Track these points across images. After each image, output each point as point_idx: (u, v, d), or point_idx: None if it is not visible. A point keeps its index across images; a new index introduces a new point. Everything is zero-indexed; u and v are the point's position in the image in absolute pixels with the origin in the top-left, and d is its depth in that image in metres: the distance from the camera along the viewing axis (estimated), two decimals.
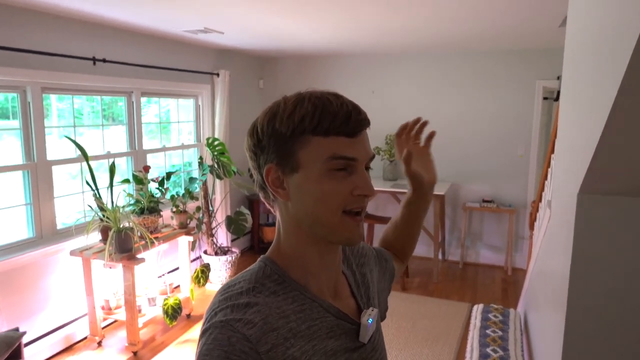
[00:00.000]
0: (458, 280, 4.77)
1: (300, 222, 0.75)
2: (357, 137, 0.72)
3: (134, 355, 3.30)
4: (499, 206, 4.89)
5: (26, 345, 3.07)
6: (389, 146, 5.15)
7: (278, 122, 0.71)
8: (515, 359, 2.25)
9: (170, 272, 4.31)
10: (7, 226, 3.10)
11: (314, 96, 0.72)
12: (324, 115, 0.70)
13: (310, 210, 0.72)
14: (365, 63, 5.38)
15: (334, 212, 0.72)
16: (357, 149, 0.72)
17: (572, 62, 1.69)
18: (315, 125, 0.70)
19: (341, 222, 0.72)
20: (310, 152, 0.71)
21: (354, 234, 0.73)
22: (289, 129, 0.71)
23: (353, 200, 0.72)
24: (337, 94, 0.73)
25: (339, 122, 0.70)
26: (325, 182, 0.71)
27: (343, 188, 0.71)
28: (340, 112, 0.70)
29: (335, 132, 0.70)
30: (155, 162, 4.32)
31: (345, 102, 0.72)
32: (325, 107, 0.70)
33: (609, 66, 0.94)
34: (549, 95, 4.94)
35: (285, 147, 0.71)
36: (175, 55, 4.34)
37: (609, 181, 1.18)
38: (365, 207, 0.75)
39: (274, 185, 0.74)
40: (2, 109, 3.11)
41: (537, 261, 2.55)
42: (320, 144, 0.70)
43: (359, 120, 0.72)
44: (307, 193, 0.72)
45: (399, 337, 3.55)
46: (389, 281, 1.04)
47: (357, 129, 0.72)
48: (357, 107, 0.73)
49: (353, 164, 0.72)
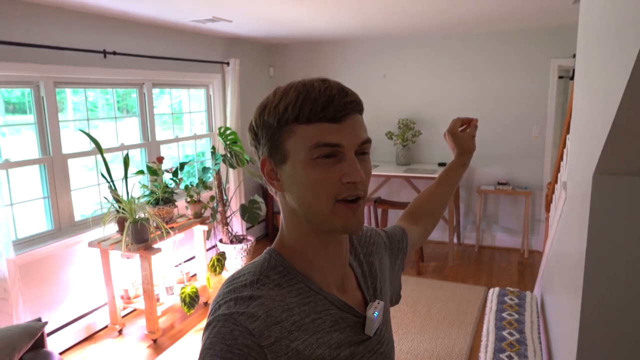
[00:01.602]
0: (474, 263, 4.75)
1: (297, 213, 0.74)
2: (344, 122, 0.69)
3: (153, 343, 3.37)
4: (515, 188, 4.84)
5: (49, 335, 3.15)
6: (401, 130, 5.11)
7: (266, 114, 0.71)
8: (532, 341, 2.24)
9: (186, 261, 4.37)
10: (27, 219, 3.16)
11: (300, 84, 0.70)
12: (305, 102, 0.68)
13: (302, 200, 0.71)
14: (375, 47, 5.32)
15: (324, 201, 0.69)
16: (343, 135, 0.68)
17: (586, 39, 1.64)
18: (298, 113, 0.68)
19: (333, 210, 0.70)
20: (296, 141, 0.69)
21: (349, 221, 0.71)
22: (275, 120, 0.70)
23: (343, 188, 0.69)
24: (325, 79, 0.71)
25: (320, 108, 0.67)
26: (312, 171, 0.69)
27: (331, 176, 0.69)
28: (321, 97, 0.68)
29: (317, 118, 0.68)
30: (169, 152, 4.36)
31: (330, 87, 0.69)
32: (308, 93, 0.68)
33: (624, 43, 0.91)
34: (564, 74, 4.84)
35: (274, 139, 0.71)
36: (185, 46, 4.35)
37: (625, 161, 1.15)
38: (364, 194, 0.71)
39: (269, 177, 0.75)
40: (18, 104, 3.16)
41: (553, 243, 2.52)
42: (305, 132, 0.68)
43: (342, 104, 0.68)
44: (297, 183, 0.71)
45: (415, 322, 3.56)
46: (402, 260, 1.03)
47: (341, 112, 0.68)
48: (344, 90, 0.70)
49: (340, 150, 0.69)
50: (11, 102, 3.11)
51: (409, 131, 5.09)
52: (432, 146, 5.24)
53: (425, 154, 5.29)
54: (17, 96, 3.13)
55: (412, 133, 5.09)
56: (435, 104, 5.16)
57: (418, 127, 5.18)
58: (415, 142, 5.22)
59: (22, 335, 2.24)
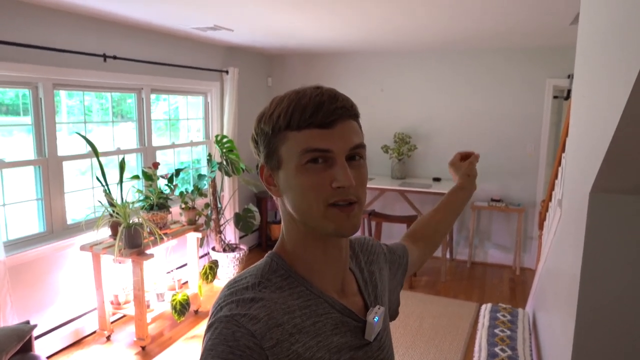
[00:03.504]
0: (466, 279, 4.76)
1: (295, 217, 0.75)
2: (333, 127, 0.70)
3: (142, 350, 3.33)
4: (508, 205, 4.86)
5: (37, 338, 3.10)
6: (397, 144, 5.13)
7: (263, 123, 0.74)
8: (524, 358, 2.24)
9: (178, 268, 4.34)
10: (19, 221, 3.13)
11: (294, 92, 0.72)
12: (295, 109, 0.70)
13: (295, 204, 0.73)
14: (374, 61, 5.37)
15: (315, 205, 0.70)
16: (332, 140, 0.69)
17: (584, 60, 1.67)
18: (289, 120, 0.70)
19: (325, 215, 0.70)
20: (288, 147, 0.71)
21: (342, 225, 0.71)
22: (270, 128, 0.72)
23: (334, 192, 0.69)
24: (319, 87, 0.72)
25: (309, 114, 0.69)
26: (302, 176, 0.70)
27: (321, 181, 0.69)
28: (310, 104, 0.69)
29: (306, 124, 0.69)
30: (165, 159, 4.35)
31: (321, 93, 0.71)
32: (299, 101, 0.70)
33: (622, 64, 0.93)
34: (559, 94, 4.90)
35: (270, 146, 0.73)
36: (185, 53, 4.36)
37: (621, 180, 1.17)
38: (357, 200, 0.71)
39: (267, 183, 0.77)
40: (13, 106, 3.15)
41: (547, 261, 2.54)
42: (295, 138, 0.70)
43: (332, 109, 0.70)
44: (291, 188, 0.72)
45: (406, 336, 3.54)
46: (401, 276, 1.03)
47: (330, 118, 0.69)
48: (335, 96, 0.71)
49: (330, 156, 0.69)
50: (4, 103, 3.10)
51: (404, 145, 5.12)
52: (428, 161, 5.27)
53: (421, 169, 5.32)
54: (11, 97, 3.12)
55: (407, 147, 5.12)
56: (431, 119, 5.20)
57: (414, 142, 5.21)
58: (411, 156, 5.25)
59: (10, 338, 2.20)
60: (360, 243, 0.95)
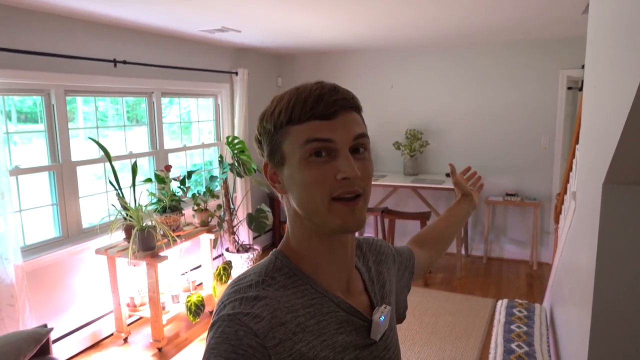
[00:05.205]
0: (482, 275, 4.70)
1: (300, 214, 0.74)
2: (335, 118, 0.70)
3: (158, 351, 3.36)
4: (523, 200, 4.80)
5: (54, 342, 3.15)
6: (409, 141, 5.10)
7: (265, 121, 0.74)
8: (541, 354, 2.21)
9: (192, 269, 4.37)
10: (35, 226, 3.18)
11: (294, 88, 0.73)
12: (296, 103, 0.70)
13: (300, 200, 0.72)
14: (383, 57, 5.34)
15: (320, 199, 0.69)
16: (334, 130, 0.69)
17: (594, 49, 1.64)
18: (290, 114, 0.70)
19: (330, 209, 0.69)
20: (290, 142, 0.71)
21: (347, 220, 0.70)
22: (272, 125, 0.72)
23: (338, 185, 0.69)
24: (320, 81, 0.73)
25: (310, 106, 0.69)
26: (306, 170, 0.69)
27: (325, 173, 0.69)
28: (311, 96, 0.70)
29: (307, 117, 0.69)
30: (177, 161, 4.38)
31: (322, 86, 0.71)
32: (299, 95, 0.71)
33: (632, 53, 0.90)
34: (573, 85, 4.81)
35: (272, 143, 0.73)
36: (193, 55, 4.39)
37: (634, 171, 1.14)
38: (362, 192, 0.71)
39: (272, 180, 0.76)
40: (30, 113, 3.20)
41: (563, 254, 2.49)
42: (297, 131, 0.70)
43: (332, 100, 0.70)
44: (294, 183, 0.71)
45: (422, 333, 3.52)
46: (408, 278, 1.03)
47: (331, 109, 0.69)
48: (335, 89, 0.71)
49: (332, 147, 0.69)
50: (23, 111, 3.16)
51: (416, 141, 5.08)
52: (440, 156, 5.23)
53: (433, 165, 5.28)
54: (29, 106, 3.17)
55: (419, 143, 5.08)
56: (442, 115, 5.16)
57: (425, 138, 5.17)
58: (423, 152, 5.21)
59: (27, 341, 2.24)
60: (368, 243, 0.94)
